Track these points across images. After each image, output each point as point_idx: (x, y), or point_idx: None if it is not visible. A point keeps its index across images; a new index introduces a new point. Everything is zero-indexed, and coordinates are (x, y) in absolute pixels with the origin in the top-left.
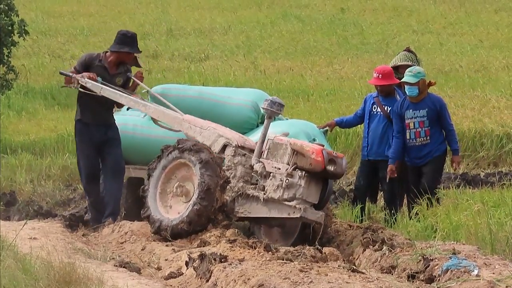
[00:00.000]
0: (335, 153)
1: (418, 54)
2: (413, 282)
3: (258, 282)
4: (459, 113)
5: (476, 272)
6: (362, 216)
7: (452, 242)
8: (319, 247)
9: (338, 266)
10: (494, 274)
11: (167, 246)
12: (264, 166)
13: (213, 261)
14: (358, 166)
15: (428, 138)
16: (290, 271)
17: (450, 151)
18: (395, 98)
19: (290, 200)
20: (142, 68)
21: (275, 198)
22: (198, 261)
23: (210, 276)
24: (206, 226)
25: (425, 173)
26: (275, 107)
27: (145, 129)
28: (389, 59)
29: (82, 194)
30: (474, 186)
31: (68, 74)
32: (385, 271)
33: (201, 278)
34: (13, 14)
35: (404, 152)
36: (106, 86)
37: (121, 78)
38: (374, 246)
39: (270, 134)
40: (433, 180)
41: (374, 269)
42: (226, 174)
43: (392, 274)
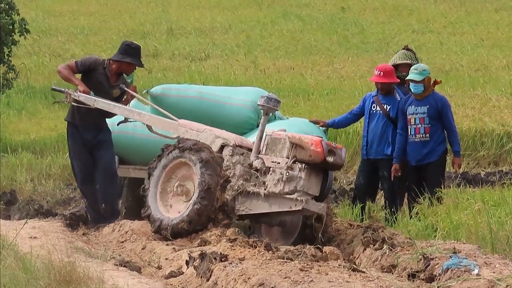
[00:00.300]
0: (334, 144)
1: (419, 53)
2: (413, 281)
3: (259, 281)
4: (460, 112)
5: (476, 271)
6: (362, 215)
7: (452, 241)
8: (320, 246)
9: (339, 265)
10: (494, 273)
11: (168, 245)
12: (263, 162)
13: (213, 260)
14: (358, 165)
15: (427, 135)
16: (291, 270)
17: (450, 152)
18: (395, 97)
19: (291, 193)
20: (144, 67)
21: (276, 192)
22: (198, 260)
23: (211, 275)
24: (207, 225)
25: (428, 178)
26: (272, 103)
27: (144, 129)
28: (389, 59)
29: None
30: (475, 185)
31: (60, 90)
32: (385, 270)
33: (201, 277)
34: (13, 13)
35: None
36: (98, 99)
37: (118, 90)
38: (374, 245)
39: (268, 130)
40: (437, 185)
41: (375, 268)
42: (226, 173)
43: (392, 273)
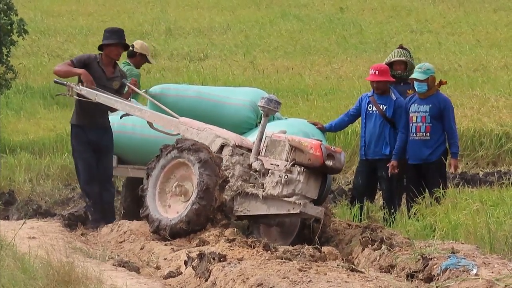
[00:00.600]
0: (334, 148)
1: (417, 53)
2: (412, 281)
3: (257, 281)
4: (458, 112)
5: (475, 271)
6: (361, 215)
7: (451, 241)
8: (318, 247)
9: (337, 265)
10: (493, 273)
11: (166, 245)
12: (262, 164)
13: (212, 260)
14: (357, 165)
15: (427, 134)
16: (289, 270)
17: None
18: (390, 96)
19: (289, 196)
20: (154, 64)
21: (274, 195)
22: (197, 260)
23: (209, 275)
24: (205, 226)
25: (427, 178)
26: (272, 105)
27: (144, 129)
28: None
29: (80, 193)
30: (473, 185)
31: (62, 83)
32: (384, 270)
33: (200, 278)
34: (12, 14)
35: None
36: (100, 92)
37: (117, 82)
38: (373, 245)
39: (268, 132)
40: (436, 185)
41: (373, 268)
42: (225, 173)
43: (391, 273)
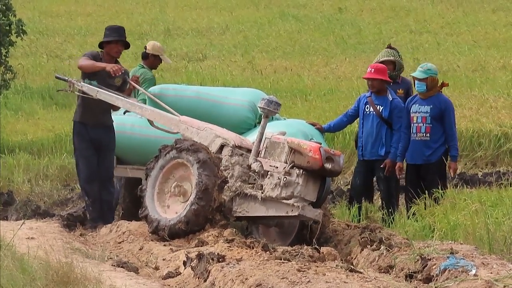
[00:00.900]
0: (333, 150)
1: (416, 54)
2: (411, 282)
3: (256, 281)
4: (457, 113)
5: (474, 271)
6: (359, 215)
7: (450, 242)
8: (317, 247)
9: (336, 265)
10: (492, 273)
11: (165, 246)
12: (261, 165)
13: (211, 261)
14: (355, 165)
15: (427, 135)
16: (288, 271)
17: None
18: (387, 97)
19: (288, 198)
20: (170, 63)
21: (273, 197)
22: (196, 261)
23: (208, 276)
24: (204, 226)
25: (426, 179)
26: (272, 106)
27: (143, 129)
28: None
29: (79, 194)
30: (472, 186)
31: (64, 79)
32: (383, 271)
33: (199, 278)
34: (10, 14)
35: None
36: (101, 89)
37: (120, 78)
38: (372, 246)
39: (267, 133)
40: (435, 186)
41: (372, 268)
42: (223, 174)
43: (390, 274)
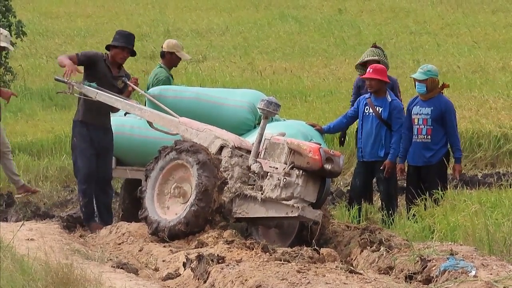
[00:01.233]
0: (332, 151)
1: (416, 55)
2: (410, 283)
3: (256, 283)
4: (457, 114)
5: (473, 273)
6: (359, 216)
7: (449, 243)
8: (317, 248)
9: (336, 267)
10: (491, 274)
11: (165, 247)
12: (261, 166)
13: (210, 262)
14: (355, 167)
15: (428, 137)
16: (288, 272)
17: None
18: (386, 98)
19: (288, 199)
20: (188, 58)
21: (273, 198)
22: (195, 262)
23: (208, 277)
24: (204, 227)
25: (427, 180)
26: (272, 107)
27: (142, 130)
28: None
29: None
30: (472, 187)
31: (63, 81)
32: (382, 272)
33: (198, 279)
34: (10, 15)
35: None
36: (100, 91)
37: (122, 81)
38: (371, 247)
39: (267, 134)
40: (436, 187)
41: (372, 270)
42: (223, 175)
43: (389, 275)
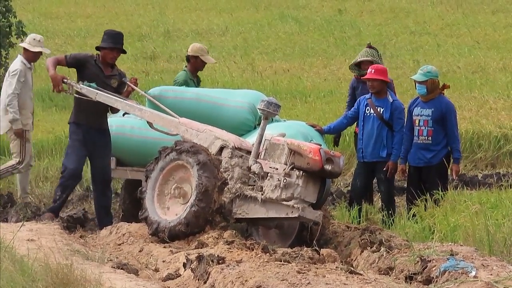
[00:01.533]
0: (333, 152)
1: (416, 55)
2: (410, 283)
3: (256, 283)
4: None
5: (473, 273)
6: (359, 217)
7: (449, 243)
8: (317, 249)
9: (336, 267)
10: (491, 275)
11: (165, 247)
12: (261, 167)
13: (210, 262)
14: (355, 167)
15: (429, 138)
16: (288, 273)
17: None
18: (387, 98)
19: (288, 200)
20: (213, 62)
21: (273, 198)
22: (195, 262)
23: (208, 277)
24: (204, 228)
25: (428, 181)
26: (272, 108)
27: (142, 131)
28: (386, 60)
29: (79, 195)
30: (472, 187)
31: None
32: (382, 273)
33: (198, 280)
34: (10, 16)
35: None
36: (101, 91)
37: (116, 80)
38: (371, 248)
39: (267, 135)
40: (436, 188)
41: (372, 270)
42: (223, 175)
43: (389, 276)
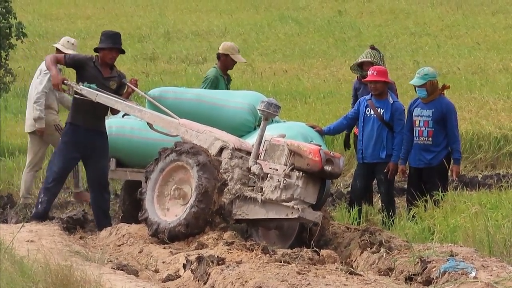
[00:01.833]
0: (332, 153)
1: (416, 56)
2: (410, 284)
3: (256, 284)
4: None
5: (473, 274)
6: (359, 218)
7: (449, 244)
8: (317, 250)
9: (336, 268)
10: (491, 276)
11: (165, 248)
12: (261, 168)
13: (210, 263)
14: (355, 168)
15: (430, 139)
16: (288, 274)
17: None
18: (388, 100)
19: (288, 200)
20: (243, 61)
21: (273, 199)
22: (195, 263)
23: (208, 278)
24: (204, 229)
25: (428, 182)
26: (272, 109)
27: (142, 132)
28: (386, 61)
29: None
30: (472, 188)
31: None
32: (382, 274)
33: (198, 281)
34: (10, 17)
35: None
36: (101, 92)
37: (114, 82)
38: (371, 248)
39: (267, 136)
40: (436, 189)
41: (372, 271)
42: (223, 176)
43: (389, 276)
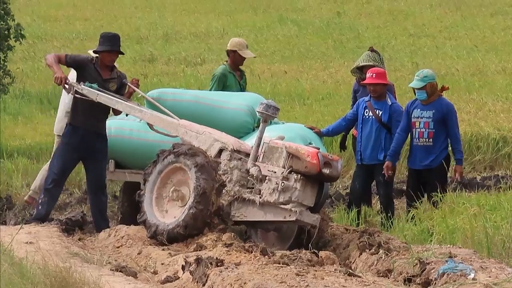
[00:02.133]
0: (331, 156)
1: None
2: (409, 285)
3: (255, 286)
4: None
5: (472, 275)
6: (358, 219)
7: (448, 246)
8: (315, 251)
9: (335, 270)
10: (490, 277)
11: (164, 250)
12: (260, 170)
13: (209, 265)
14: (354, 169)
15: (430, 140)
16: (287, 275)
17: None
18: (386, 101)
19: (286, 203)
20: (252, 56)
21: (271, 202)
22: (194, 265)
23: (207, 280)
24: (202, 230)
25: (428, 184)
26: (271, 111)
27: (141, 133)
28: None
29: (78, 198)
30: (471, 190)
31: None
32: (381, 275)
33: (197, 282)
34: (9, 19)
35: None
36: (102, 92)
37: (114, 83)
38: (370, 250)
39: (266, 138)
40: (436, 191)
41: (371, 272)
42: (221, 178)
43: (388, 278)
